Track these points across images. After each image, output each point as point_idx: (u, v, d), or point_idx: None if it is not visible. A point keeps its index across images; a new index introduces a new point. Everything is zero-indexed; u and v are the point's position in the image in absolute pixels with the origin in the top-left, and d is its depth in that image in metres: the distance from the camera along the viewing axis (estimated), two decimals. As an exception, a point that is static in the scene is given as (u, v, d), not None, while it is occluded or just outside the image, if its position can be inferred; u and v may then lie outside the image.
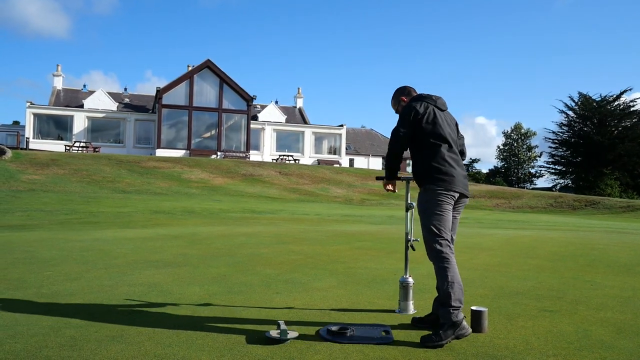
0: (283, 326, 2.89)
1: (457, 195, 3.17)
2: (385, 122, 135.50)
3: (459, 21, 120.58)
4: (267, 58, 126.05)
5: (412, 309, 3.57)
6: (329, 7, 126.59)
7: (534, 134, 65.21)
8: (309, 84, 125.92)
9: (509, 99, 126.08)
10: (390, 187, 3.43)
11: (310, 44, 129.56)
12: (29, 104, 36.58)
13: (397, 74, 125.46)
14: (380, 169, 48.78)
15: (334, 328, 3.01)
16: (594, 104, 50.47)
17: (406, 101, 3.44)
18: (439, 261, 3.05)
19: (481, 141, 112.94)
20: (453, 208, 3.21)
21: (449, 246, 3.09)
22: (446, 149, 3.18)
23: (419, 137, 3.20)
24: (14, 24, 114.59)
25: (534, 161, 64.53)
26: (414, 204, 3.63)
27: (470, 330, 2.91)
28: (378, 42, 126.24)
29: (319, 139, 43.84)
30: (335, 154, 43.90)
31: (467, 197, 3.28)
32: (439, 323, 3.02)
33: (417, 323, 3.28)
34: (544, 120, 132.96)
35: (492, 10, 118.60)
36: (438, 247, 3.06)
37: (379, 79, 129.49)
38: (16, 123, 47.90)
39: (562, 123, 52.84)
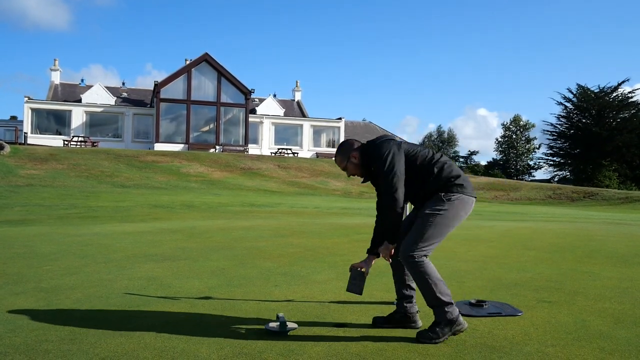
0: (282, 318, 2.90)
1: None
2: (384, 115, 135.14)
3: (460, 14, 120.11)
4: (265, 51, 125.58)
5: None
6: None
7: (533, 126, 65.28)
8: (307, 77, 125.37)
9: (510, 91, 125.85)
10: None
11: (309, 36, 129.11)
12: (26, 98, 36.44)
13: (398, 67, 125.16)
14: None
15: (472, 301, 3.48)
16: (592, 95, 50.33)
17: (357, 157, 3.17)
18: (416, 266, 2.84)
19: (483, 133, 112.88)
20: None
21: None
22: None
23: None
24: (12, 17, 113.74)
25: (533, 153, 64.64)
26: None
27: (466, 324, 2.84)
28: (378, 35, 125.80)
29: (317, 132, 43.74)
30: (333, 147, 43.72)
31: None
32: (408, 321, 3.01)
33: (383, 323, 3.04)
34: (543, 112, 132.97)
35: (494, 2, 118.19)
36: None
37: (379, 72, 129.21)
38: (14, 118, 47.68)
39: (560, 115, 52.76)
